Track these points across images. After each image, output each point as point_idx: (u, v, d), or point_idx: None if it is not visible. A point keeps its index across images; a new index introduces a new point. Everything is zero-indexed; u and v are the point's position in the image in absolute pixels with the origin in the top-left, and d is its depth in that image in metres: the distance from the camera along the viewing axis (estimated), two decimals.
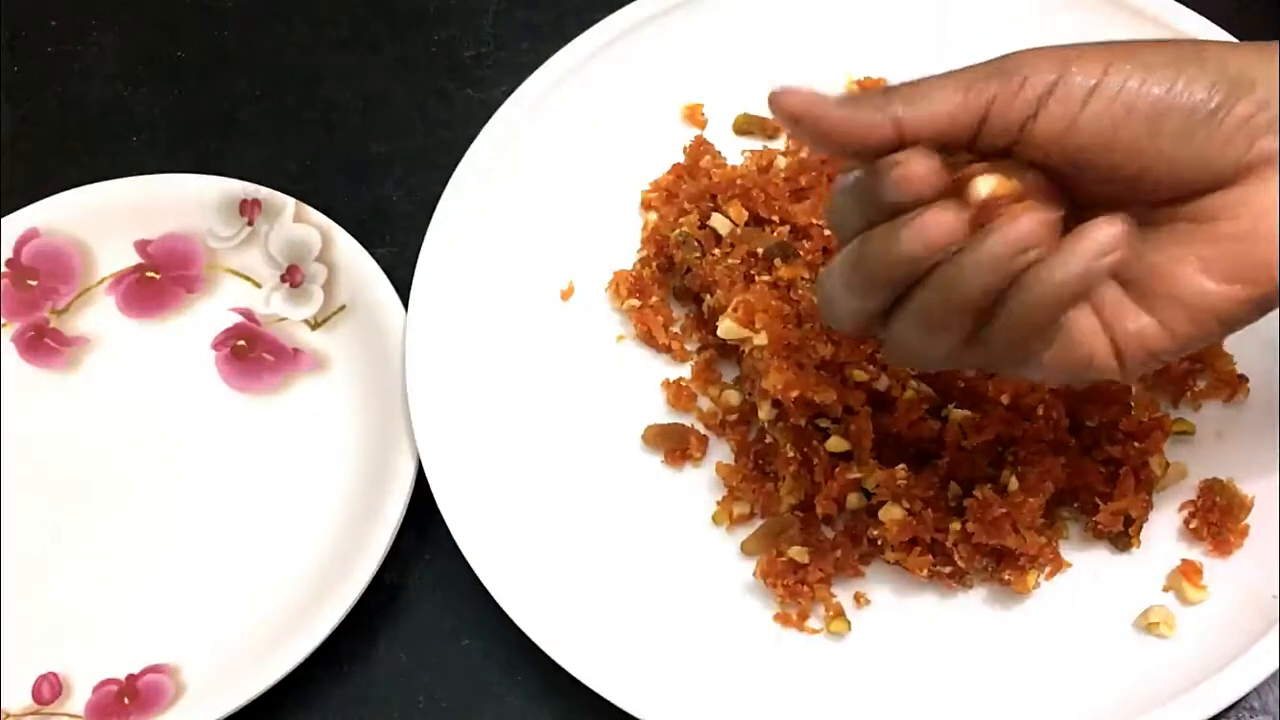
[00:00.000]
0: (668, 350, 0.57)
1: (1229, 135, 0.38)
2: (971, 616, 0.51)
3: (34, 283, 0.61)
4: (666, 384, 0.56)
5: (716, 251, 0.56)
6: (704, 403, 0.56)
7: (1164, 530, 0.51)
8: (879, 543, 0.50)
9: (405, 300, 0.57)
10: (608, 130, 0.61)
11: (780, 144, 0.61)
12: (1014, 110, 0.39)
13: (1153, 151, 0.38)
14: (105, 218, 0.61)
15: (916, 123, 0.39)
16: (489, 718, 0.52)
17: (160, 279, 0.61)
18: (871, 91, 0.41)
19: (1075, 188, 0.40)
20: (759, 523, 0.53)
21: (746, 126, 0.62)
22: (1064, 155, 0.39)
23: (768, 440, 0.53)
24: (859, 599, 0.51)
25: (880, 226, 0.38)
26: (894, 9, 0.62)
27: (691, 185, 0.59)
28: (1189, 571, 0.50)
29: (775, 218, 0.57)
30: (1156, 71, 0.39)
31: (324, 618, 0.51)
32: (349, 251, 0.59)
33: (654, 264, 0.58)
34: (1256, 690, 0.47)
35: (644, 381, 0.57)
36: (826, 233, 0.55)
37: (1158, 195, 0.40)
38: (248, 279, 0.61)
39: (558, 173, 0.60)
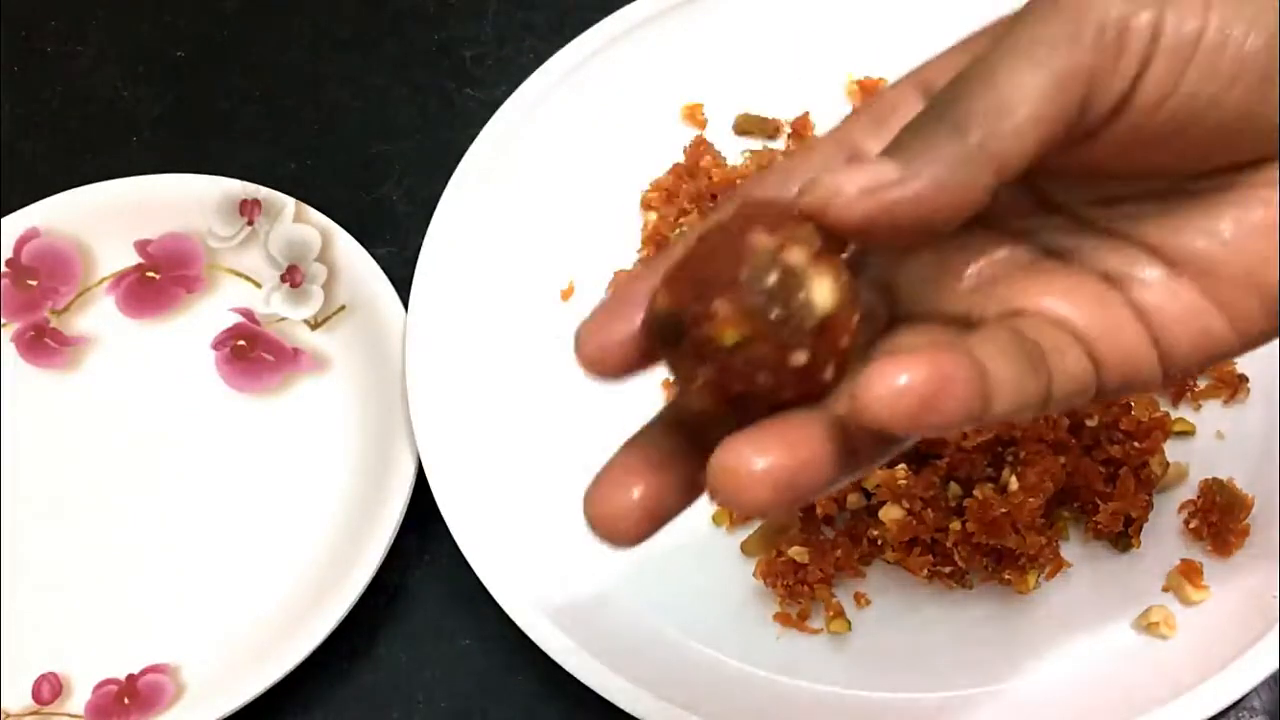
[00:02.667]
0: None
1: None
2: (971, 617, 0.51)
3: (34, 283, 0.61)
4: (667, 384, 0.56)
5: None
6: None
7: (1164, 530, 0.51)
8: (879, 543, 0.50)
9: (405, 300, 0.57)
10: (608, 130, 0.61)
11: (780, 144, 0.61)
12: (1116, 80, 0.29)
13: (1260, 113, 0.30)
14: (105, 218, 0.61)
15: (1019, 148, 0.28)
16: (489, 718, 0.52)
17: (160, 279, 0.61)
18: (925, 127, 0.29)
19: (1129, 159, 0.30)
20: (759, 523, 0.53)
21: (746, 126, 0.62)
22: (1156, 125, 0.29)
23: None
24: (859, 599, 0.51)
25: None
26: (894, 9, 0.62)
27: (691, 185, 0.59)
28: (1189, 571, 0.50)
29: None
30: (1263, 4, 0.29)
31: (324, 618, 0.51)
32: (349, 251, 0.59)
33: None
34: (1256, 690, 0.47)
35: (644, 381, 0.56)
36: None
37: (1242, 159, 0.31)
38: (248, 279, 0.61)
39: (558, 173, 0.60)
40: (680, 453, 0.31)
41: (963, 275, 0.32)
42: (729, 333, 0.27)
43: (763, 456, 0.27)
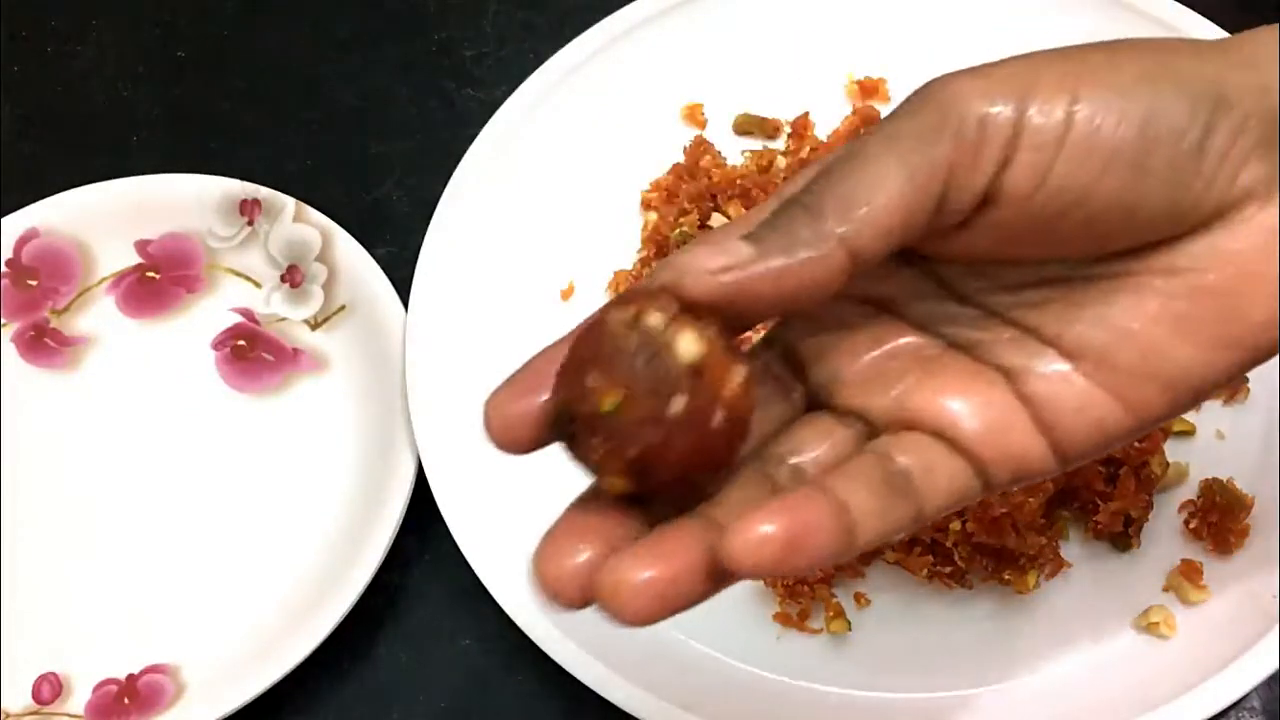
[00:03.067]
0: None
1: (1215, 170, 0.31)
2: (971, 616, 0.51)
3: (34, 283, 0.61)
4: None
5: None
6: None
7: (1164, 530, 0.51)
8: None
9: (405, 300, 0.57)
10: (608, 130, 0.61)
11: (780, 144, 0.61)
12: (978, 173, 0.30)
13: (1134, 200, 0.30)
14: (105, 218, 0.61)
15: (868, 238, 0.29)
16: (489, 718, 0.52)
17: (160, 279, 0.61)
18: (786, 212, 0.30)
19: (1015, 246, 0.32)
20: None
21: (746, 126, 0.62)
22: (1029, 216, 0.31)
23: None
24: (859, 599, 0.51)
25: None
26: (894, 9, 0.62)
27: (691, 185, 0.59)
28: (1189, 571, 0.50)
29: None
30: (1131, 95, 0.30)
31: (324, 618, 0.51)
32: (349, 251, 0.59)
33: (654, 264, 0.58)
34: (1256, 690, 0.47)
35: None
36: None
37: (1125, 246, 0.32)
38: (248, 279, 0.61)
39: (558, 173, 0.60)
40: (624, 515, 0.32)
41: (864, 360, 0.34)
42: (606, 399, 0.28)
43: (644, 570, 0.29)
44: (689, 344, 0.28)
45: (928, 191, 0.30)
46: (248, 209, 0.61)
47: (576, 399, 0.29)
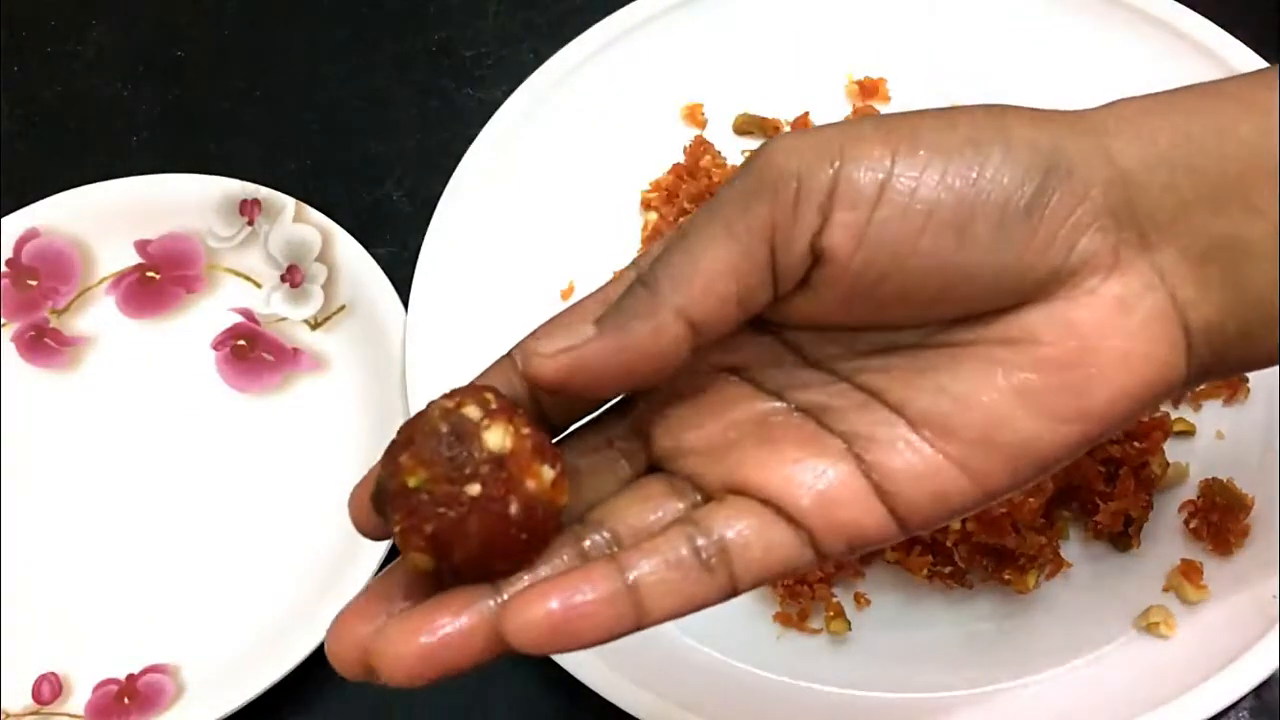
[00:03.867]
0: None
1: (1049, 236, 0.30)
2: (971, 616, 0.51)
3: (34, 283, 0.61)
4: None
5: None
6: None
7: (1164, 530, 0.51)
8: None
9: (405, 300, 0.57)
10: (608, 130, 0.61)
11: None
12: (798, 231, 0.30)
13: (958, 263, 0.30)
14: (105, 218, 0.61)
15: (703, 306, 0.30)
16: (489, 718, 0.52)
17: (160, 279, 0.61)
18: (630, 291, 0.31)
19: (853, 310, 0.32)
20: None
21: (746, 126, 0.62)
22: (854, 277, 0.30)
23: None
24: (859, 599, 0.51)
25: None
26: (894, 9, 0.62)
27: (691, 185, 0.59)
28: (1189, 571, 0.50)
29: None
30: (955, 157, 0.30)
31: (324, 618, 0.50)
32: (349, 251, 0.59)
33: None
34: (1256, 690, 0.47)
35: None
36: None
37: (959, 312, 0.31)
38: (248, 279, 0.61)
39: (558, 173, 0.60)
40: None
41: (707, 428, 0.33)
42: (412, 476, 0.30)
43: (411, 636, 0.30)
44: (496, 436, 0.30)
45: (754, 253, 0.30)
46: (248, 209, 0.61)
47: (388, 475, 0.31)
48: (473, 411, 0.31)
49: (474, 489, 0.30)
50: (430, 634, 0.30)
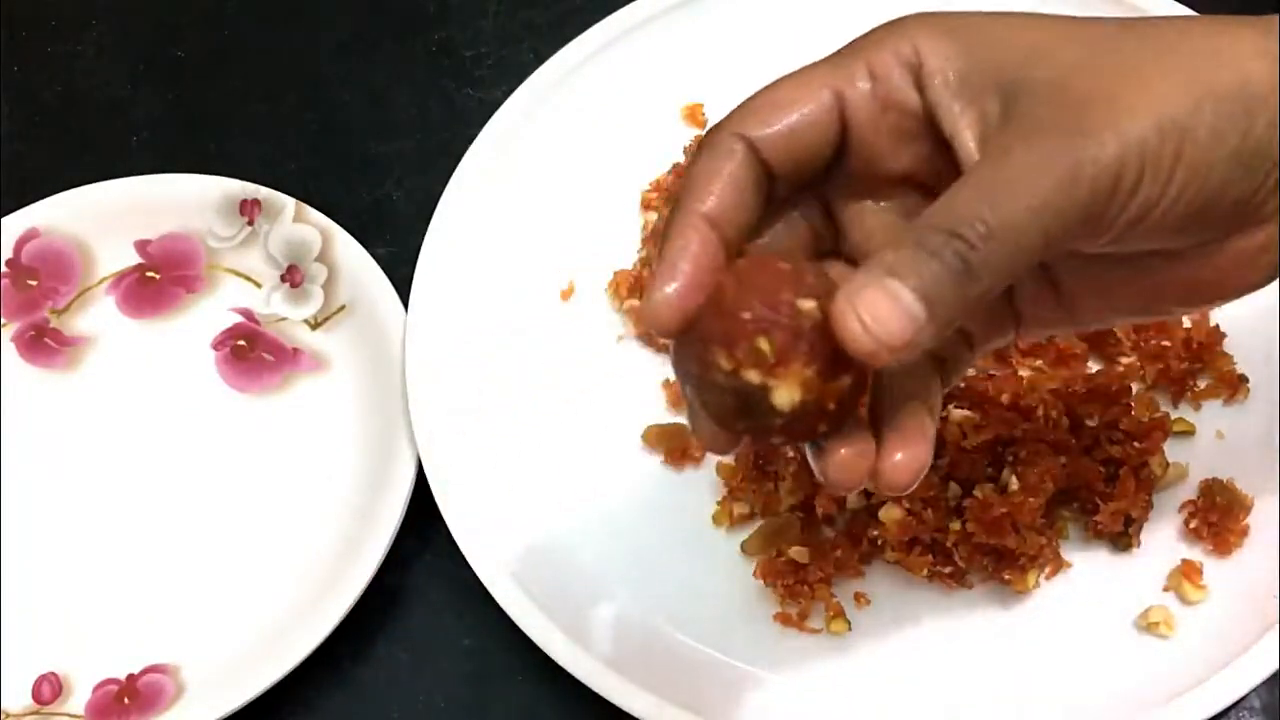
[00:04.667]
0: (668, 350, 0.57)
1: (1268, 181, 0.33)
2: (971, 616, 0.51)
3: (34, 283, 0.61)
4: (666, 384, 0.56)
5: None
6: None
7: (1164, 530, 0.51)
8: (879, 543, 0.50)
9: (405, 300, 0.57)
10: (608, 130, 0.61)
11: None
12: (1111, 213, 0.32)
13: (1204, 220, 0.33)
14: (105, 218, 0.61)
15: (1006, 285, 0.33)
16: (489, 717, 0.52)
17: (160, 279, 0.61)
18: (940, 264, 0.31)
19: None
20: (759, 523, 0.53)
21: None
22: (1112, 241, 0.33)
23: None
24: (859, 599, 0.51)
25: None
26: (894, 9, 0.62)
27: None
28: (1189, 571, 0.50)
29: None
30: (1221, 111, 0.32)
31: (324, 618, 0.51)
32: (349, 251, 0.59)
33: (654, 264, 0.58)
34: (1256, 690, 0.47)
35: (644, 381, 0.57)
36: None
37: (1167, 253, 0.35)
38: (248, 279, 0.61)
39: (558, 173, 0.60)
40: None
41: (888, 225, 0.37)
42: (785, 391, 0.32)
43: None
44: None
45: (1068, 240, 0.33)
46: (248, 209, 0.61)
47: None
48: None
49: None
50: None
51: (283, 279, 0.60)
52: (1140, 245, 0.34)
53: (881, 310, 0.30)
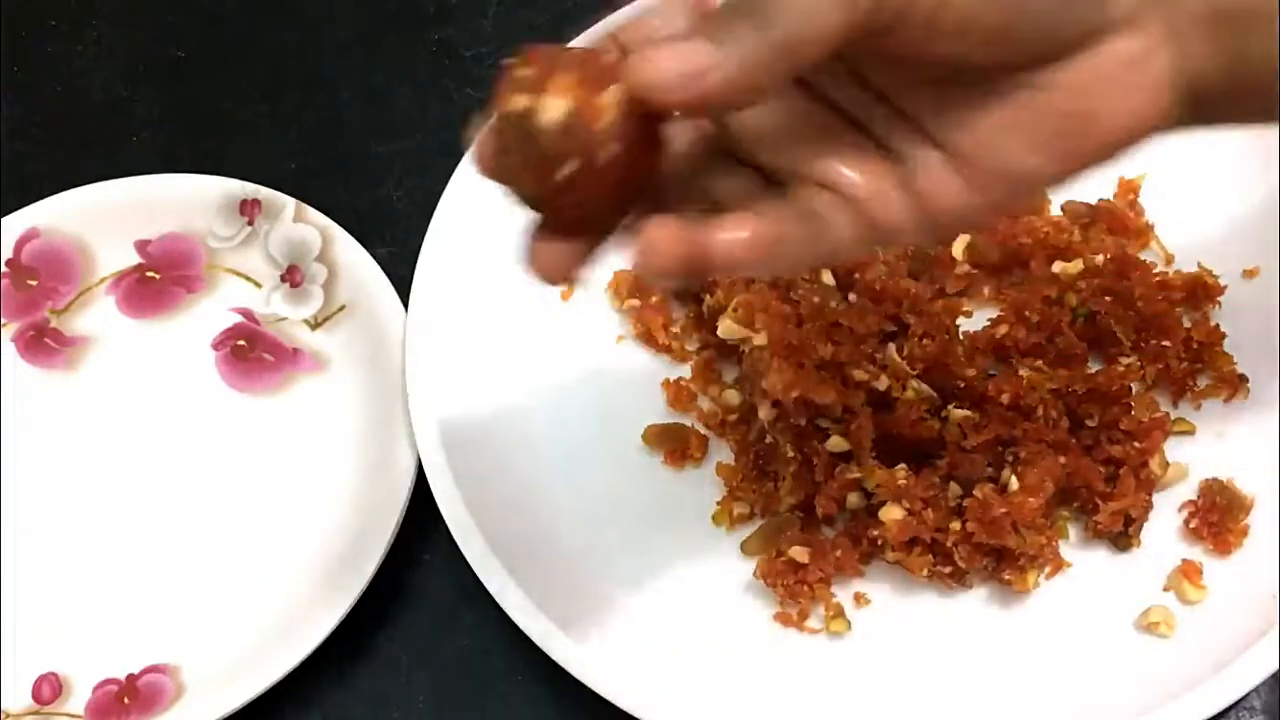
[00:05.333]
0: (668, 350, 0.57)
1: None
2: (971, 616, 0.51)
3: (34, 283, 0.61)
4: (666, 384, 0.56)
5: None
6: (704, 403, 0.56)
7: (1164, 530, 0.51)
8: (879, 543, 0.50)
9: (405, 300, 0.57)
10: None
11: None
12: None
13: (1017, 27, 0.34)
14: (105, 218, 0.61)
15: (816, 47, 0.32)
16: (489, 717, 0.52)
17: (160, 279, 0.61)
18: (737, 14, 0.33)
19: (911, 40, 0.34)
20: (759, 523, 0.53)
21: None
22: (923, 39, 0.33)
23: (768, 440, 0.53)
24: (859, 599, 0.51)
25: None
26: None
27: None
28: (1189, 571, 0.50)
29: None
30: None
31: (324, 617, 0.51)
32: (349, 251, 0.59)
33: None
34: (1256, 690, 0.47)
35: (644, 381, 0.57)
36: None
37: (1008, 56, 0.35)
38: (248, 279, 0.61)
39: None
40: None
41: (774, 127, 0.37)
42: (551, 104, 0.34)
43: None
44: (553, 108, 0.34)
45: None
46: (248, 209, 0.61)
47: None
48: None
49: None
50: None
51: (283, 279, 0.60)
52: (957, 46, 0.34)
53: (673, 51, 0.32)
